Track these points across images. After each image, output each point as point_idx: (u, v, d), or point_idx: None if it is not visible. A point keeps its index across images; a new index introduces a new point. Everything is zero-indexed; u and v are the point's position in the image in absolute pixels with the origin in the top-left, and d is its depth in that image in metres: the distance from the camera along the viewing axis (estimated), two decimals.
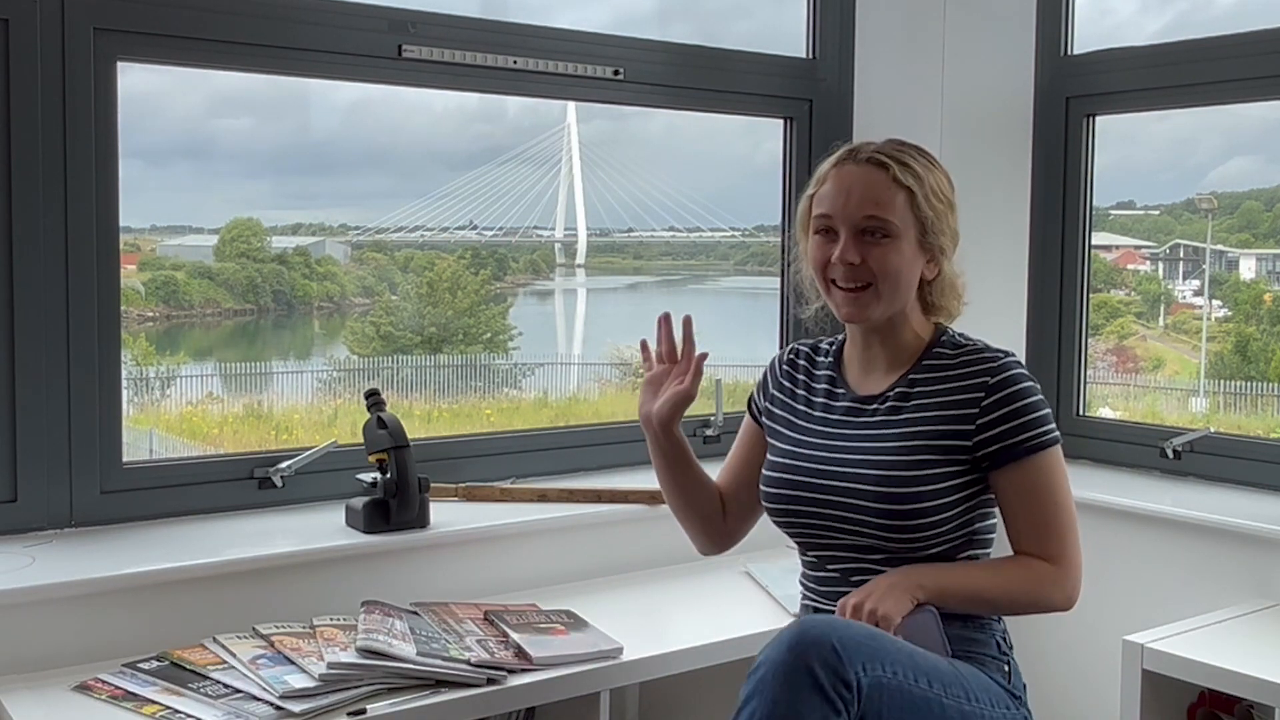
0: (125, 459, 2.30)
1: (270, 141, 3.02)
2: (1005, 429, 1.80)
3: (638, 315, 3.97)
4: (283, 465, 2.41)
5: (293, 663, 1.92)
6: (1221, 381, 3.34)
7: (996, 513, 1.88)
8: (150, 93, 2.54)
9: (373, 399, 2.36)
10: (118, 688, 1.88)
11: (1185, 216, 3.39)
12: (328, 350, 3.57)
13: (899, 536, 1.81)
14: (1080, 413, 3.06)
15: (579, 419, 3.47)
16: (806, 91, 3.08)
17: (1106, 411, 3.28)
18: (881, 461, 1.83)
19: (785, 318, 3.13)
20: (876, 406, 1.89)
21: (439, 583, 2.37)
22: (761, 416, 2.07)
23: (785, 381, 2.04)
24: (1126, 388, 3.48)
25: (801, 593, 2.01)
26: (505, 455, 2.72)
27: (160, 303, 3.16)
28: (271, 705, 1.79)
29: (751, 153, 3.46)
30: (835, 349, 2.02)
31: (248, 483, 2.41)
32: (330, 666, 1.87)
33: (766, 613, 2.37)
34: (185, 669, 1.93)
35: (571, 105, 3.29)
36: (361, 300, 3.49)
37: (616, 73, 2.77)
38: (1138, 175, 3.32)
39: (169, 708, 1.80)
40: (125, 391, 2.41)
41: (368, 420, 2.35)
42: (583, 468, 2.82)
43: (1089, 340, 3.08)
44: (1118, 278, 3.51)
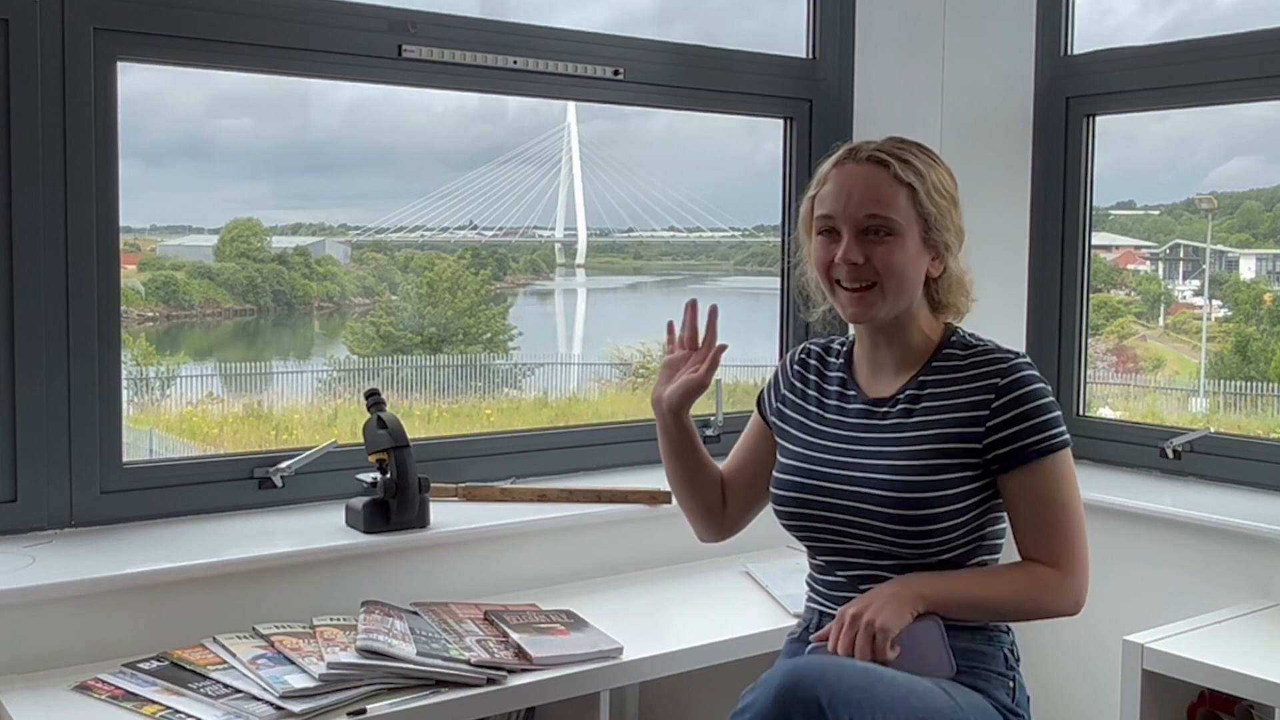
0: (125, 459, 2.30)
1: (270, 141, 3.02)
2: (1015, 431, 1.77)
3: (638, 315, 3.97)
4: (283, 465, 2.41)
5: (293, 663, 1.92)
6: (1221, 381, 3.34)
7: (1004, 518, 1.85)
8: (150, 93, 2.54)
9: (373, 399, 2.36)
10: (118, 688, 1.88)
11: (1185, 216, 3.38)
12: (328, 350, 3.57)
13: (910, 542, 1.78)
14: (1080, 413, 3.06)
15: (579, 419, 3.47)
16: (806, 91, 3.08)
17: (1106, 411, 3.28)
18: (894, 467, 1.80)
19: (785, 318, 3.12)
20: (888, 410, 1.86)
21: (439, 583, 2.37)
22: (771, 416, 2.03)
23: (796, 382, 2.01)
24: (1126, 388, 3.48)
25: (808, 594, 1.98)
26: (505, 455, 2.72)
27: (160, 303, 3.16)
28: (271, 705, 1.79)
29: (751, 153, 3.46)
30: (846, 350, 1.98)
31: (248, 483, 2.41)
32: (330, 666, 1.87)
33: (766, 613, 2.37)
34: (185, 669, 1.93)
35: (571, 105, 3.28)
36: (361, 300, 3.49)
37: (616, 73, 2.77)
38: (1138, 175, 3.32)
39: (169, 708, 1.80)
40: (125, 391, 2.41)
41: (368, 420, 2.35)
42: (583, 468, 2.82)
43: (1089, 340, 3.08)
44: (1118, 278, 3.51)
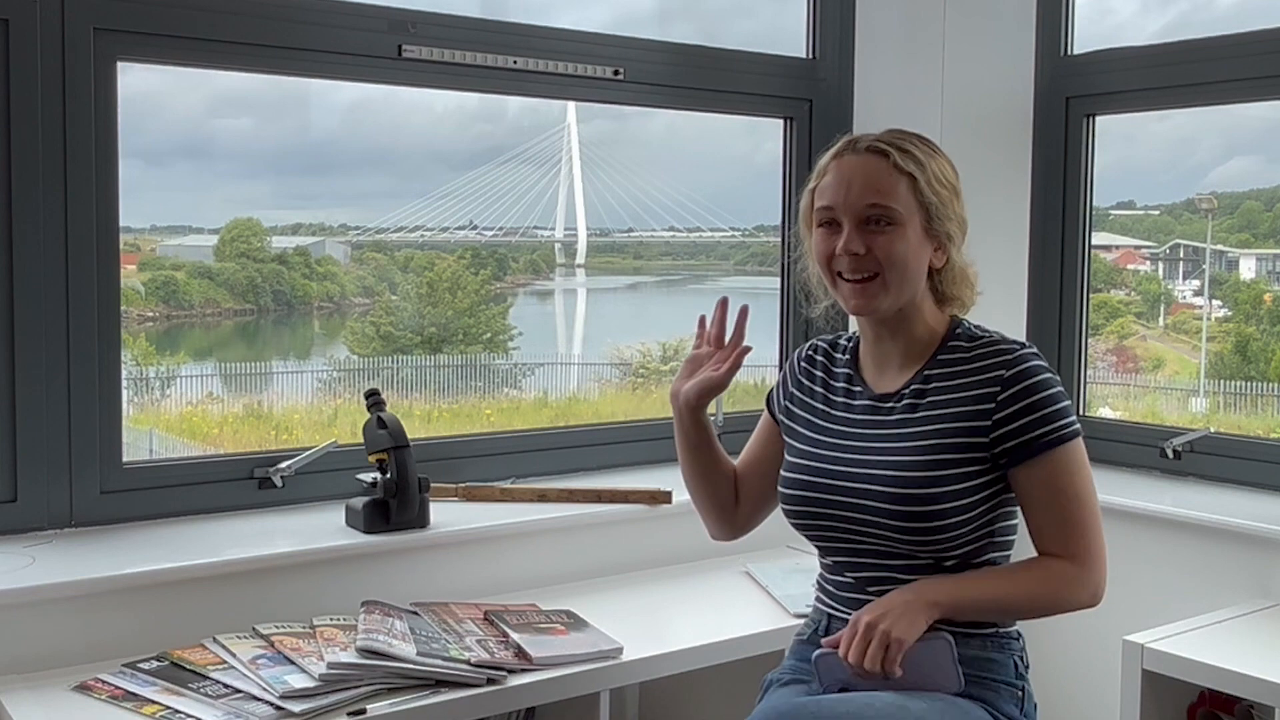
0: (125, 459, 2.30)
1: (270, 141, 3.02)
2: (1022, 424, 1.73)
3: (638, 315, 3.97)
4: (283, 465, 2.41)
5: (293, 663, 1.92)
6: (1221, 381, 3.34)
7: (1016, 512, 1.83)
8: (150, 93, 2.54)
9: (373, 399, 2.37)
10: (118, 688, 1.88)
11: (1185, 216, 3.38)
12: (328, 350, 3.57)
13: (918, 539, 1.75)
14: (1080, 413, 3.06)
15: (579, 419, 3.47)
16: (806, 91, 3.08)
17: (1106, 411, 3.28)
18: (899, 463, 1.77)
19: (785, 318, 3.12)
20: (893, 405, 1.83)
21: (439, 583, 2.37)
22: (780, 415, 2.00)
23: (804, 379, 1.98)
24: (1126, 388, 3.48)
25: (816, 594, 1.94)
26: (505, 455, 2.72)
27: (160, 303, 3.16)
28: (271, 705, 1.79)
29: (751, 153, 3.46)
30: (852, 346, 1.95)
31: (248, 483, 2.41)
32: (330, 666, 1.87)
33: (766, 613, 2.37)
34: (185, 669, 1.93)
35: (571, 105, 3.28)
36: (361, 300, 3.49)
37: (616, 73, 2.77)
38: (1138, 175, 3.32)
39: (169, 708, 1.80)
40: (125, 391, 2.41)
41: (368, 420, 2.35)
42: (583, 468, 2.82)
43: (1089, 340, 3.08)
44: (1118, 278, 3.51)
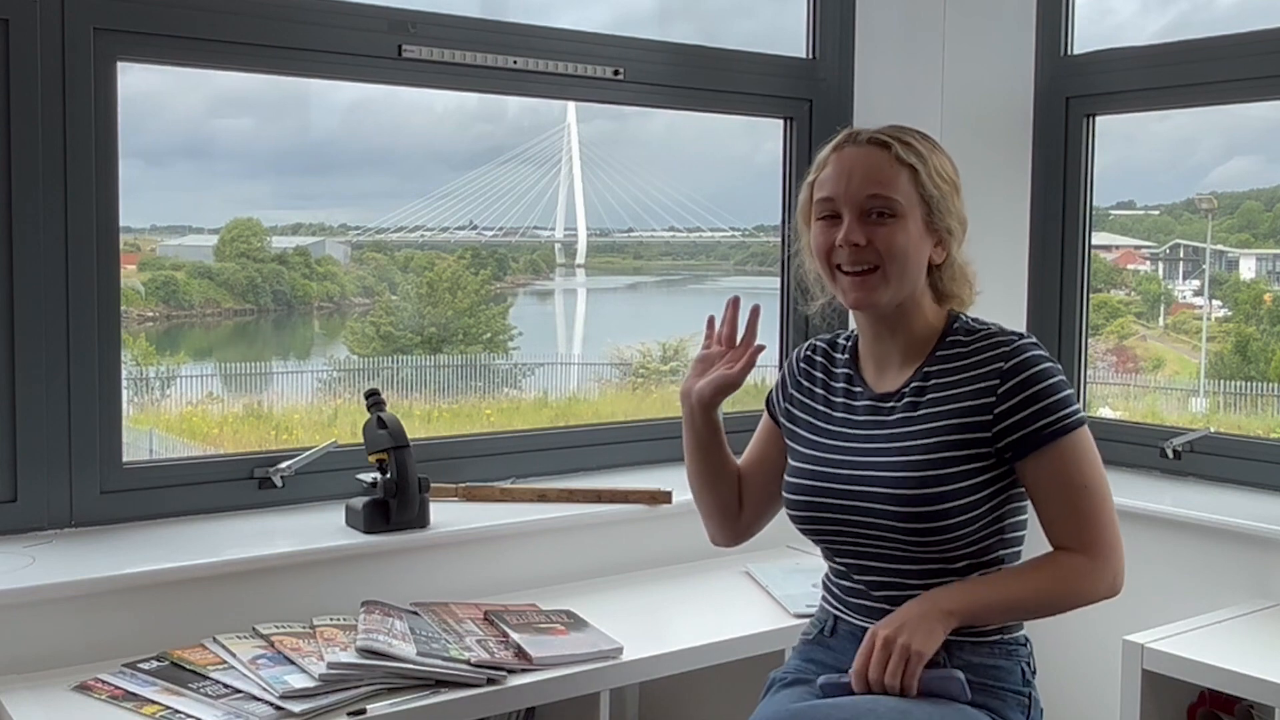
0: (125, 459, 2.30)
1: (270, 141, 3.02)
2: (1025, 415, 1.70)
3: (638, 315, 3.97)
4: (283, 465, 2.41)
5: (293, 663, 1.92)
6: (1221, 381, 3.34)
7: (1024, 508, 1.80)
8: (150, 93, 2.54)
9: (373, 399, 2.36)
10: (118, 688, 1.88)
11: (1185, 216, 3.38)
12: (328, 350, 3.57)
13: (926, 540, 1.72)
14: None
15: (579, 419, 3.47)
16: (806, 91, 3.08)
17: (1106, 411, 3.28)
18: (902, 464, 1.74)
19: (785, 317, 3.12)
20: (894, 404, 1.80)
21: (439, 583, 2.37)
22: (781, 418, 1.97)
23: (804, 380, 1.95)
24: (1126, 388, 3.48)
25: (823, 595, 1.92)
26: (505, 455, 2.72)
27: (160, 303, 3.16)
28: (271, 705, 1.79)
29: (751, 153, 3.47)
30: (851, 345, 1.92)
31: (248, 483, 2.41)
32: (330, 666, 1.87)
33: (766, 613, 2.37)
34: (185, 669, 1.93)
35: (571, 105, 3.29)
36: (361, 300, 3.49)
37: (616, 73, 2.77)
38: (1138, 175, 3.32)
39: (169, 708, 1.80)
40: (125, 391, 2.41)
41: (368, 420, 2.35)
42: (583, 468, 2.82)
43: (1089, 340, 3.08)
44: (1118, 278, 3.51)
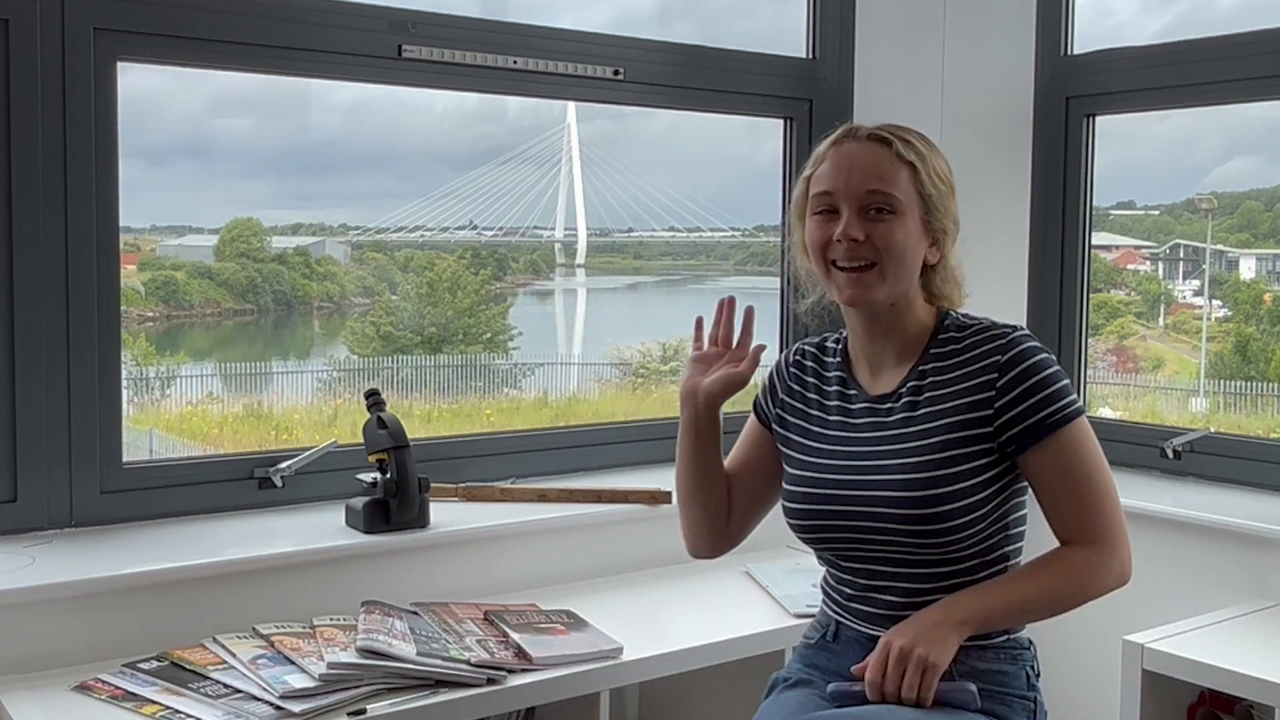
0: (125, 459, 2.30)
1: (270, 141, 3.03)
2: (1026, 407, 1.70)
3: (638, 315, 3.97)
4: (283, 465, 2.41)
5: (293, 663, 1.92)
6: (1221, 381, 3.34)
7: (1025, 502, 1.79)
8: (150, 93, 2.54)
9: (373, 399, 2.36)
10: (118, 688, 1.88)
11: (1185, 216, 3.39)
12: (328, 350, 3.57)
13: (933, 542, 1.70)
14: None
15: (579, 419, 3.47)
16: (806, 91, 3.08)
17: (1106, 411, 3.28)
18: (907, 465, 1.72)
19: (785, 318, 3.12)
20: (892, 405, 1.78)
21: (439, 583, 2.37)
22: (773, 424, 1.93)
23: (795, 385, 1.91)
24: (1126, 388, 3.48)
25: (823, 599, 1.89)
26: (505, 455, 2.72)
27: (160, 303, 3.16)
28: (271, 705, 1.79)
29: (751, 153, 3.47)
30: (842, 347, 1.90)
31: (248, 483, 2.41)
32: (330, 666, 1.87)
33: (766, 613, 2.37)
34: (185, 669, 1.93)
35: (571, 105, 3.29)
36: (361, 300, 3.49)
37: (616, 73, 2.77)
38: (1138, 175, 3.32)
39: (169, 708, 1.80)
40: (125, 391, 2.41)
41: (368, 420, 2.35)
42: (583, 468, 2.82)
43: (1089, 340, 3.08)
44: (1118, 278, 3.51)
